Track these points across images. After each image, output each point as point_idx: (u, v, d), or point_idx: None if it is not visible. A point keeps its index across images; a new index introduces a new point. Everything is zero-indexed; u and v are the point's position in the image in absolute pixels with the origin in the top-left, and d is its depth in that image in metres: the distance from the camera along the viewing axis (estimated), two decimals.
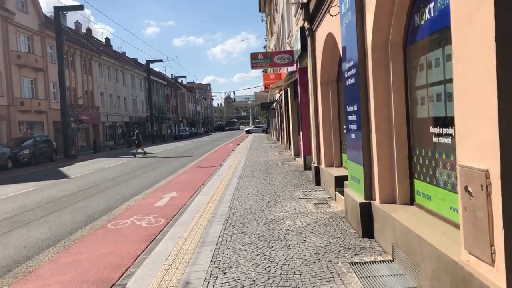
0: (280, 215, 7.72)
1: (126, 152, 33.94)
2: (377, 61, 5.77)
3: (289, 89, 19.11)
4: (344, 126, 9.38)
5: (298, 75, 14.22)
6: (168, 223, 7.90)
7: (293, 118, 18.90)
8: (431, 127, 4.89)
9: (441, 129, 4.63)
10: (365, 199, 6.08)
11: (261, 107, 45.31)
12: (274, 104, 35.02)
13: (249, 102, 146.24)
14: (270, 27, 34.89)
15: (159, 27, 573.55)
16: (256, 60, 14.86)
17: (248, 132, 77.46)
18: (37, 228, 8.33)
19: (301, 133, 14.73)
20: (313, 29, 10.70)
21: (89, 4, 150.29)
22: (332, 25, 8.41)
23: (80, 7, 30.25)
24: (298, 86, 14.36)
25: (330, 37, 8.98)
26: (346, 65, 6.74)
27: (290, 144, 21.63)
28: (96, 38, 64.56)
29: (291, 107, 19.04)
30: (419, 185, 5.35)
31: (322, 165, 10.59)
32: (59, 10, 30.70)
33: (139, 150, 29.16)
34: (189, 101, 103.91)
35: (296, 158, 17.77)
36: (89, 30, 61.47)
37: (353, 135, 6.64)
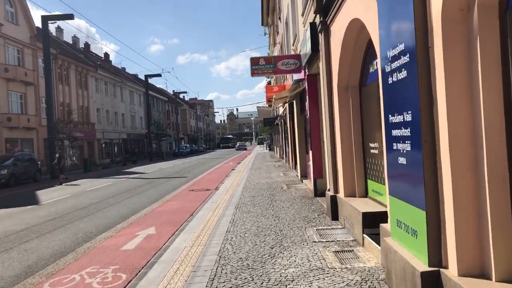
0: (288, 273, 5.35)
1: (118, 172, 31.69)
2: (451, 37, 3.49)
3: (294, 101, 16.86)
4: (371, 146, 7.10)
5: (306, 83, 11.95)
6: (129, 282, 5.54)
7: (299, 134, 16.60)
8: None
9: None
10: (429, 265, 3.73)
11: (264, 123, 42.92)
12: (278, 119, 32.78)
13: (252, 118, 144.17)
14: (273, 38, 32.85)
15: (163, 44, 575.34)
16: (257, 66, 12.58)
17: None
18: None
19: (310, 152, 12.41)
20: (328, 22, 8.47)
21: (93, 23, 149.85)
22: (359, 6, 6.17)
23: (70, 16, 28.14)
24: (307, 97, 12.08)
25: (354, 25, 6.73)
26: (390, 53, 4.45)
27: (295, 163, 19.28)
28: (95, 53, 62.82)
29: (297, 121, 16.75)
30: None
31: (341, 194, 8.24)
32: (47, 20, 28.69)
33: (63, 176, 23.94)
34: (190, 118, 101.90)
35: (303, 181, 15.41)
36: (87, 45, 59.79)
37: (401, 159, 4.30)
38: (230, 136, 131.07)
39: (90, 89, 48.04)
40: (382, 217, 6.25)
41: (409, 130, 4.04)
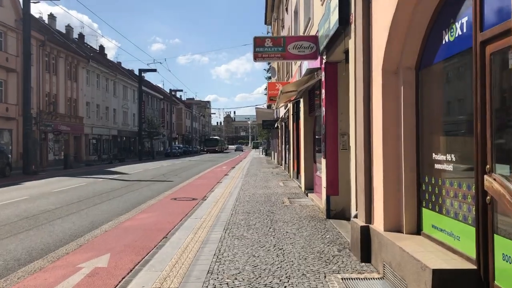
0: None
1: (99, 171, 29.02)
2: None
3: (302, 99, 14.29)
4: (436, 158, 4.46)
5: (323, 73, 9.40)
6: None
7: (306, 139, 14.01)
8: None
9: None
10: None
11: (262, 126, 40.10)
12: (278, 121, 30.20)
13: (249, 122, 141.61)
14: (277, 35, 30.34)
15: (165, 44, 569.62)
16: (262, 47, 9.95)
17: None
18: None
19: (323, 160, 9.83)
20: None
21: (97, 15, 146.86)
22: None
23: None
24: (323, 91, 9.54)
25: None
26: None
27: (298, 172, 16.70)
28: (90, 45, 60.02)
29: (303, 124, 14.17)
30: None
31: (377, 225, 5.66)
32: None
33: None
34: (186, 118, 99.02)
35: (308, 194, 12.81)
36: (81, 36, 57.00)
37: None
38: (217, 137, 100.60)
39: (80, 81, 45.28)
40: (468, 279, 3.75)
41: None
